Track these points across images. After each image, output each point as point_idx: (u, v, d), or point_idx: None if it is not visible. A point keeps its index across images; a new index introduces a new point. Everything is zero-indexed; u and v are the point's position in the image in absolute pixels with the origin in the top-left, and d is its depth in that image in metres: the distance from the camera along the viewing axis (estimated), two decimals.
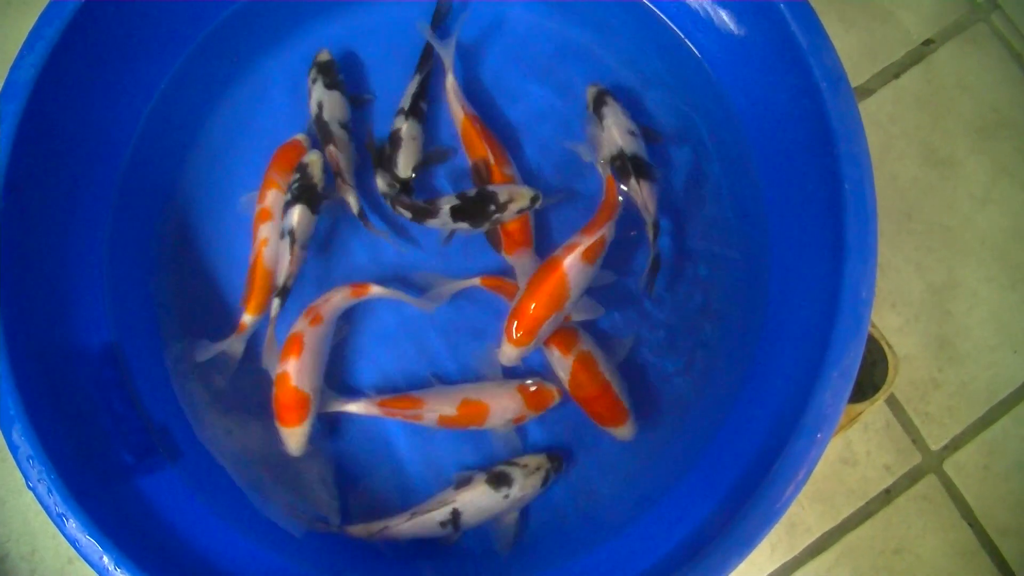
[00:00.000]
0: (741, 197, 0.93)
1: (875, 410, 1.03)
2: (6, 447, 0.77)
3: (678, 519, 0.81)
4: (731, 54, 0.91)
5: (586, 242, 0.84)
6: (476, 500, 0.85)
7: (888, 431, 1.04)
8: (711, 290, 0.94)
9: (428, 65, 0.97)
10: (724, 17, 0.88)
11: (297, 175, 0.88)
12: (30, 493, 0.75)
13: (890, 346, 0.95)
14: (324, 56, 0.96)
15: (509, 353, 0.86)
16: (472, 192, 0.89)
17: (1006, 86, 1.12)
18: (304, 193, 0.87)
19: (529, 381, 0.90)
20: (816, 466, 0.96)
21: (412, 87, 0.95)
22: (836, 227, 0.75)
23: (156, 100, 0.95)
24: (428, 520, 0.84)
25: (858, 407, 0.93)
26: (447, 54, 0.94)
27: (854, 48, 1.13)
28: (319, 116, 0.93)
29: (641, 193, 0.90)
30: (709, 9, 0.90)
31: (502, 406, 0.88)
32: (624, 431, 0.88)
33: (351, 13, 1.01)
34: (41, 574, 1.02)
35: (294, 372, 0.86)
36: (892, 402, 1.04)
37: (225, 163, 0.97)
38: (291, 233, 0.87)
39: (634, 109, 0.95)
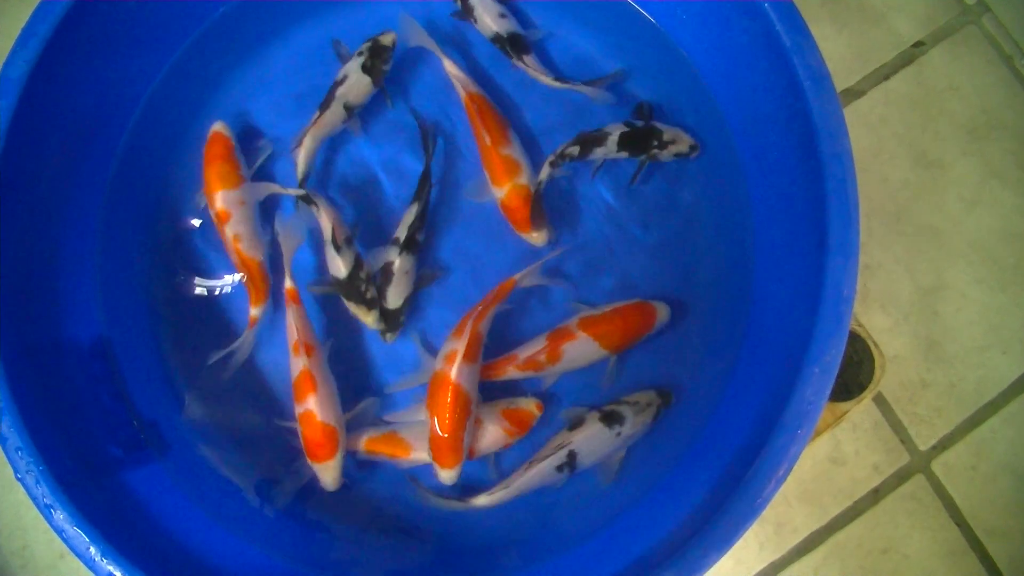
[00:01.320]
0: (726, 194, 0.93)
1: (864, 410, 1.04)
2: None
3: (660, 516, 0.81)
4: (717, 52, 0.91)
5: (461, 347, 0.84)
6: (590, 439, 0.85)
7: (877, 431, 1.04)
8: (696, 288, 0.94)
9: (426, 192, 0.93)
10: (710, 16, 0.89)
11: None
12: (21, 490, 0.76)
13: (877, 346, 0.96)
14: (387, 40, 0.94)
15: (448, 477, 0.85)
16: (641, 124, 0.92)
17: (996, 88, 1.12)
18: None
19: (504, 402, 0.90)
20: (799, 466, 0.98)
21: (409, 217, 0.91)
22: (819, 225, 0.75)
23: (148, 96, 0.96)
24: (546, 467, 0.85)
25: (844, 406, 0.94)
26: (432, 44, 0.95)
27: (845, 50, 1.14)
28: (334, 86, 0.93)
29: (529, 66, 0.94)
30: (695, 8, 0.90)
31: (489, 441, 0.88)
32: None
33: (347, 11, 1.01)
34: (33, 569, 1.02)
35: (317, 408, 0.85)
36: (881, 402, 1.05)
37: None
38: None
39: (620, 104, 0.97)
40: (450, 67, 0.95)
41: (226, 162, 0.92)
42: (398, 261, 0.90)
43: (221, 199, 0.90)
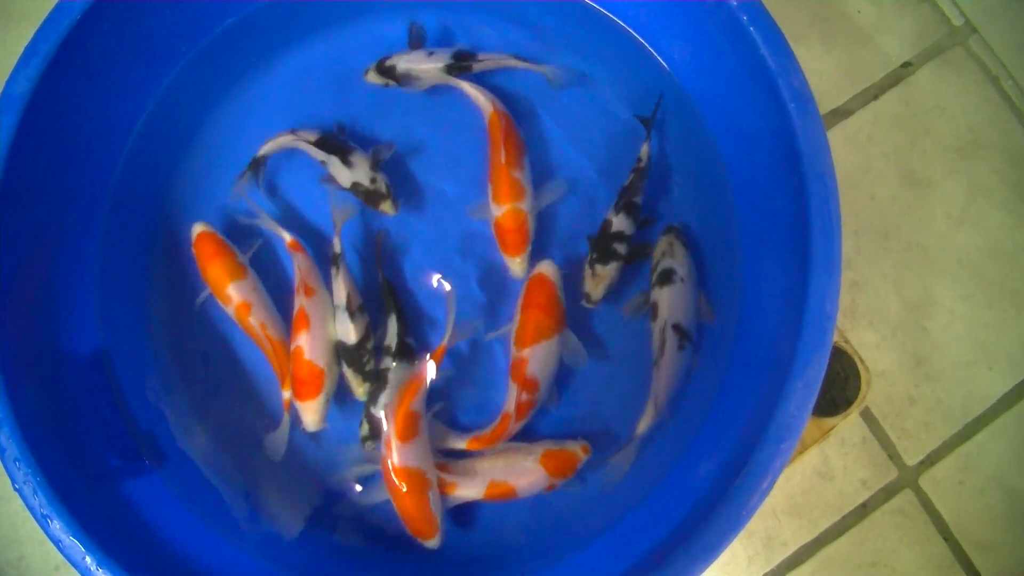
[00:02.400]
0: (712, 213, 0.95)
1: (851, 425, 1.05)
2: None
3: (646, 528, 0.82)
4: (703, 74, 0.93)
5: (392, 431, 0.83)
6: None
7: (865, 446, 1.05)
8: None
9: (395, 299, 0.93)
10: (697, 38, 0.91)
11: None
12: (18, 501, 0.77)
13: (863, 361, 0.97)
14: (387, 206, 0.94)
15: (433, 544, 0.85)
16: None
17: (983, 108, 1.14)
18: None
19: (549, 443, 0.89)
20: (787, 480, 0.99)
21: (393, 325, 0.92)
22: (803, 243, 0.76)
23: (149, 112, 0.97)
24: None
25: (831, 421, 0.95)
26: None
27: (834, 69, 1.15)
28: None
29: (490, 61, 0.96)
30: (683, 29, 0.92)
31: (528, 484, 0.87)
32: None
33: (345, 29, 1.03)
34: None
35: (306, 345, 0.88)
36: (869, 417, 1.06)
37: (216, 174, 0.99)
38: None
39: (606, 124, 0.99)
40: (470, 89, 0.95)
41: (225, 255, 0.91)
42: (393, 367, 0.90)
43: (236, 292, 0.90)
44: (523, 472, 0.87)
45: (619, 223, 0.92)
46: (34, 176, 0.86)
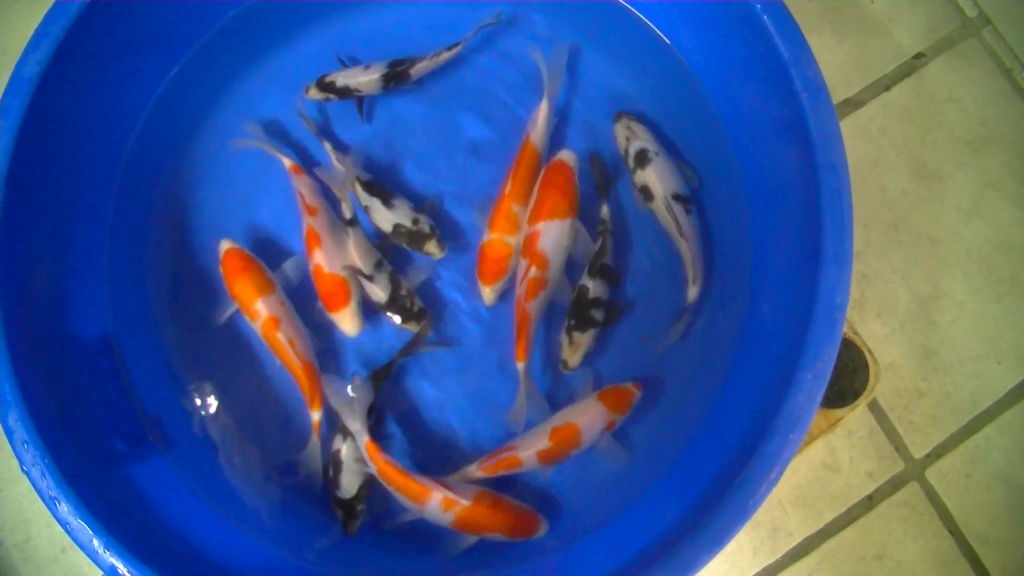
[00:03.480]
0: (722, 203, 0.95)
1: (859, 417, 1.05)
2: (1, 437, 0.79)
3: (653, 517, 0.82)
4: (715, 63, 0.92)
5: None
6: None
7: (872, 438, 1.05)
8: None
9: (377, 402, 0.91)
10: (710, 26, 0.90)
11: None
12: (25, 482, 0.77)
13: (871, 353, 0.97)
14: (432, 247, 0.93)
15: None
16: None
17: (995, 101, 1.13)
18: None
19: (605, 388, 0.90)
20: (794, 472, 0.99)
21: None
22: (814, 234, 0.76)
23: (158, 96, 0.97)
24: None
25: (838, 412, 0.95)
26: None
27: (846, 60, 1.15)
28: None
29: (429, 60, 0.95)
30: (697, 18, 0.92)
31: (592, 420, 0.87)
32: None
33: (353, 16, 1.02)
34: (35, 562, 1.03)
35: (324, 261, 0.90)
36: (876, 410, 1.06)
37: (225, 160, 0.99)
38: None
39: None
40: (542, 120, 0.95)
41: (253, 270, 0.91)
42: (344, 448, 0.88)
43: (265, 307, 0.89)
44: (584, 410, 0.88)
45: (595, 289, 0.91)
46: (43, 160, 0.86)
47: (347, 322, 0.91)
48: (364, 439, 0.85)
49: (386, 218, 0.93)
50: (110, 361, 0.91)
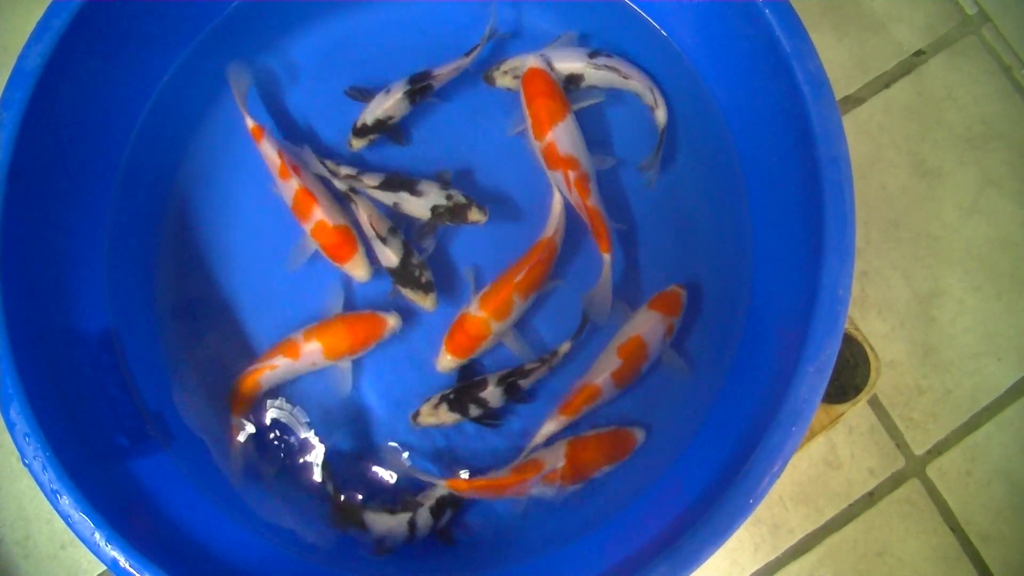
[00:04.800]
0: (726, 196, 0.95)
1: (859, 414, 1.05)
2: (1, 434, 0.79)
3: (656, 511, 0.83)
4: (718, 57, 0.93)
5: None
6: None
7: (872, 435, 1.05)
8: (695, 289, 0.95)
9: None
10: (711, 20, 0.90)
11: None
12: (25, 479, 0.78)
13: (873, 349, 0.97)
14: (476, 215, 0.93)
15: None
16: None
17: (995, 98, 1.14)
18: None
19: (651, 298, 0.92)
20: (795, 468, 0.99)
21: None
22: (816, 226, 0.76)
23: (160, 91, 0.97)
24: None
25: (839, 408, 0.95)
26: None
27: (846, 57, 1.15)
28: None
29: (439, 76, 0.95)
30: (696, 12, 0.92)
31: (652, 327, 0.89)
32: None
33: (357, 11, 1.02)
34: (35, 559, 1.03)
35: (325, 216, 0.90)
36: (877, 406, 1.06)
37: (226, 155, 0.99)
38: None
39: (620, 107, 0.99)
40: (557, 205, 0.94)
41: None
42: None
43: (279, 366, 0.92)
44: (641, 321, 0.90)
45: (490, 393, 0.90)
46: (44, 153, 0.86)
47: (359, 268, 0.92)
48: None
49: (420, 205, 0.93)
50: (111, 355, 0.91)
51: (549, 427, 0.89)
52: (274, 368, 0.90)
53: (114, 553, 0.75)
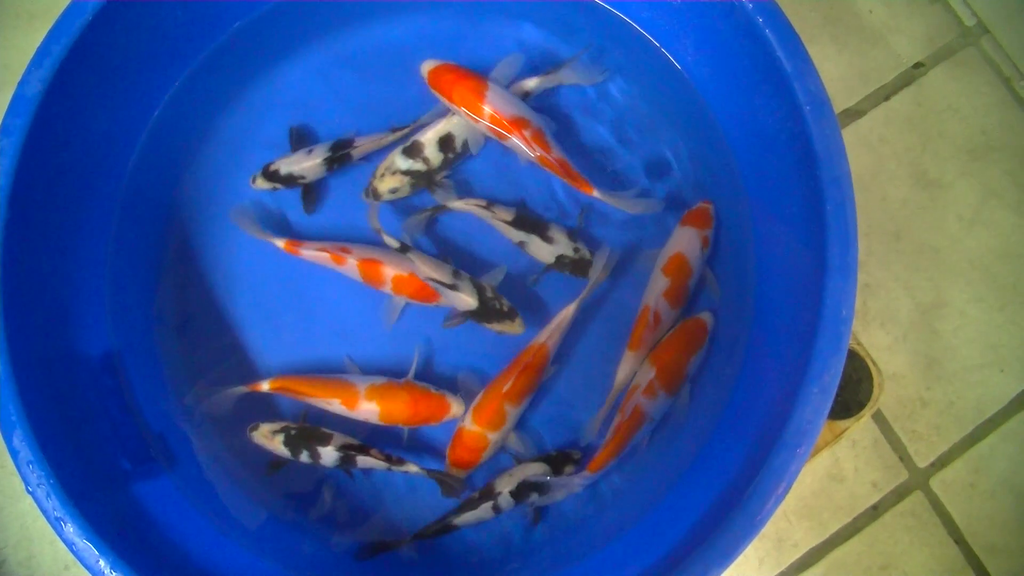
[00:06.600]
0: (725, 216, 0.95)
1: (863, 427, 1.05)
2: (3, 454, 0.79)
3: (661, 532, 0.82)
4: (719, 77, 0.93)
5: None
6: None
7: (876, 448, 1.05)
8: (695, 308, 0.95)
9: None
10: (711, 40, 0.90)
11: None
12: (28, 499, 0.77)
13: (875, 364, 0.97)
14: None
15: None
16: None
17: (995, 109, 1.14)
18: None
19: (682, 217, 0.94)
20: (799, 482, 0.99)
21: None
22: (819, 247, 0.76)
23: (159, 114, 0.97)
24: None
25: (843, 424, 0.95)
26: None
27: (846, 70, 1.15)
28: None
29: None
30: (697, 33, 0.92)
31: (689, 242, 0.91)
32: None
33: (355, 32, 1.02)
34: None
35: (399, 268, 0.91)
36: (880, 419, 1.06)
37: (227, 177, 0.99)
38: None
39: (621, 131, 0.99)
40: (567, 313, 0.92)
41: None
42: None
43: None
44: (677, 238, 0.92)
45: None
46: (46, 178, 0.86)
47: (465, 299, 0.90)
48: None
49: (548, 252, 0.93)
50: (114, 378, 0.91)
51: (624, 368, 0.90)
52: (326, 407, 0.90)
53: None
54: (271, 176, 0.96)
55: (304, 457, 0.88)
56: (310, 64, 1.02)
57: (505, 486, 0.88)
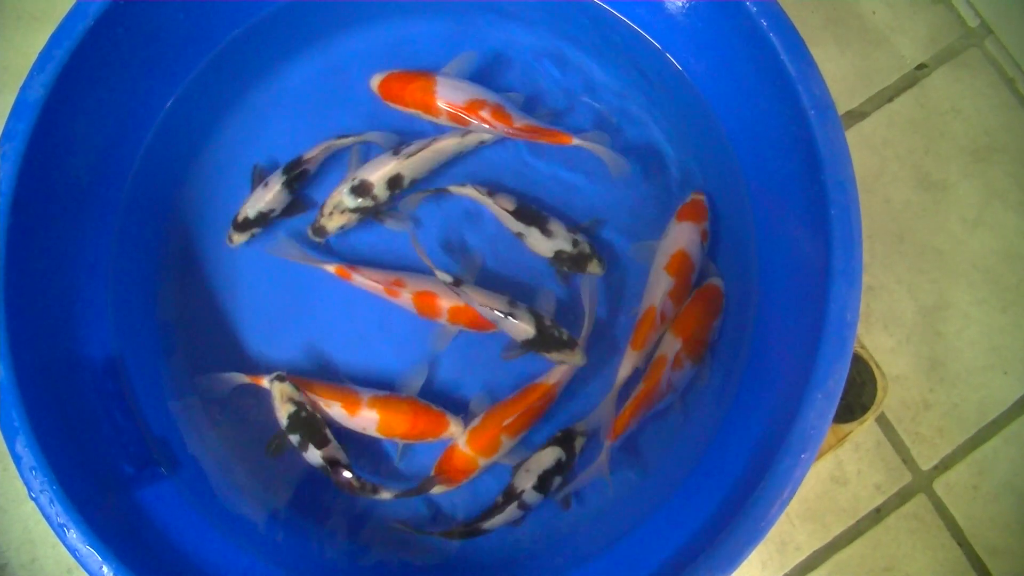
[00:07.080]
0: (731, 220, 0.95)
1: (866, 430, 1.05)
2: (6, 457, 0.79)
3: (664, 538, 0.82)
4: (721, 80, 0.92)
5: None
6: None
7: (879, 451, 1.05)
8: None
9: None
10: (714, 44, 0.90)
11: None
12: (31, 503, 0.77)
13: (879, 367, 0.97)
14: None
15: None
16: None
17: (998, 111, 1.13)
18: None
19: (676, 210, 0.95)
20: (801, 485, 0.98)
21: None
22: (823, 251, 0.76)
23: (162, 119, 0.97)
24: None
25: (846, 427, 0.95)
26: None
27: (849, 71, 1.15)
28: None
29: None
30: (701, 36, 0.92)
31: (689, 237, 0.91)
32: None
33: (355, 36, 1.02)
34: None
35: (452, 300, 0.91)
36: (883, 422, 1.05)
37: (229, 182, 0.99)
38: None
39: (626, 135, 0.99)
40: (576, 355, 0.90)
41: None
42: None
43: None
44: (676, 234, 0.92)
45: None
46: (48, 182, 0.85)
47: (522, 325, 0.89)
48: None
49: (547, 246, 0.92)
50: (116, 382, 0.91)
51: (626, 366, 0.89)
52: (326, 408, 0.90)
53: None
54: (243, 226, 0.95)
55: (294, 440, 0.88)
56: (312, 69, 1.02)
57: (526, 482, 0.87)
